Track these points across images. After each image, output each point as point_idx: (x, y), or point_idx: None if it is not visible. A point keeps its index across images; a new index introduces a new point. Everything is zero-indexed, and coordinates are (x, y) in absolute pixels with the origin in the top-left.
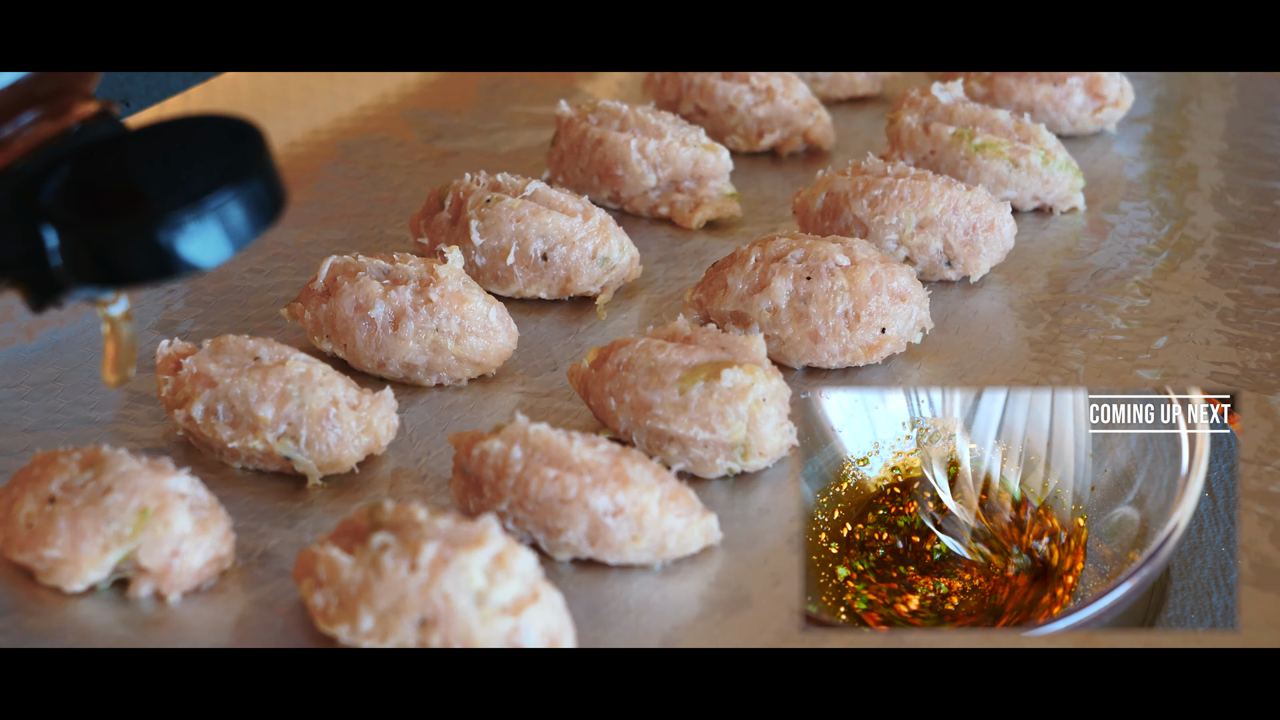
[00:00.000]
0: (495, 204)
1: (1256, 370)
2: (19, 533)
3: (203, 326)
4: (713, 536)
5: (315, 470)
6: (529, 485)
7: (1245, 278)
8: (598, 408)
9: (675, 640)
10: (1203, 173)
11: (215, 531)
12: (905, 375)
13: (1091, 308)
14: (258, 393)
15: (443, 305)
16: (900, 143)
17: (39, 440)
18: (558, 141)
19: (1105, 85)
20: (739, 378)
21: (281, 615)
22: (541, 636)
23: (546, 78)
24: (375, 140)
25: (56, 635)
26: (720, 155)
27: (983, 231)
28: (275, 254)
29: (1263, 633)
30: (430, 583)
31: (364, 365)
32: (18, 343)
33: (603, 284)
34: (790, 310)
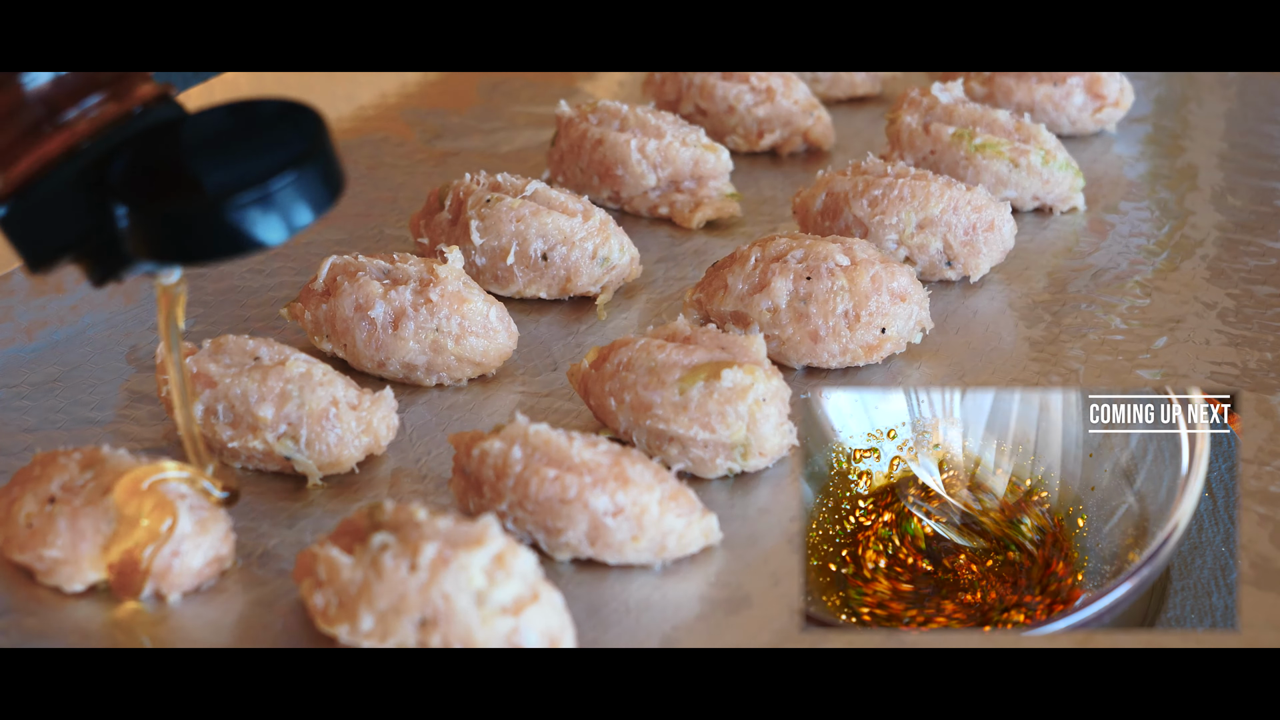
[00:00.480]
0: (495, 204)
1: (1256, 370)
2: (19, 533)
3: (203, 326)
4: (713, 536)
5: (315, 470)
6: (529, 485)
7: (1245, 278)
8: (598, 408)
9: (675, 640)
10: (1203, 173)
11: (215, 531)
12: (905, 375)
13: (1091, 308)
14: (258, 393)
15: (443, 305)
16: (900, 143)
17: (39, 440)
18: (558, 141)
19: (1105, 85)
20: (739, 378)
21: (281, 615)
22: (541, 636)
23: (546, 78)
24: (375, 140)
25: (56, 635)
26: (720, 155)
27: (983, 231)
28: (275, 254)
29: (1263, 633)
30: (430, 583)
31: (364, 365)
32: (18, 343)
33: (603, 284)
34: (790, 310)
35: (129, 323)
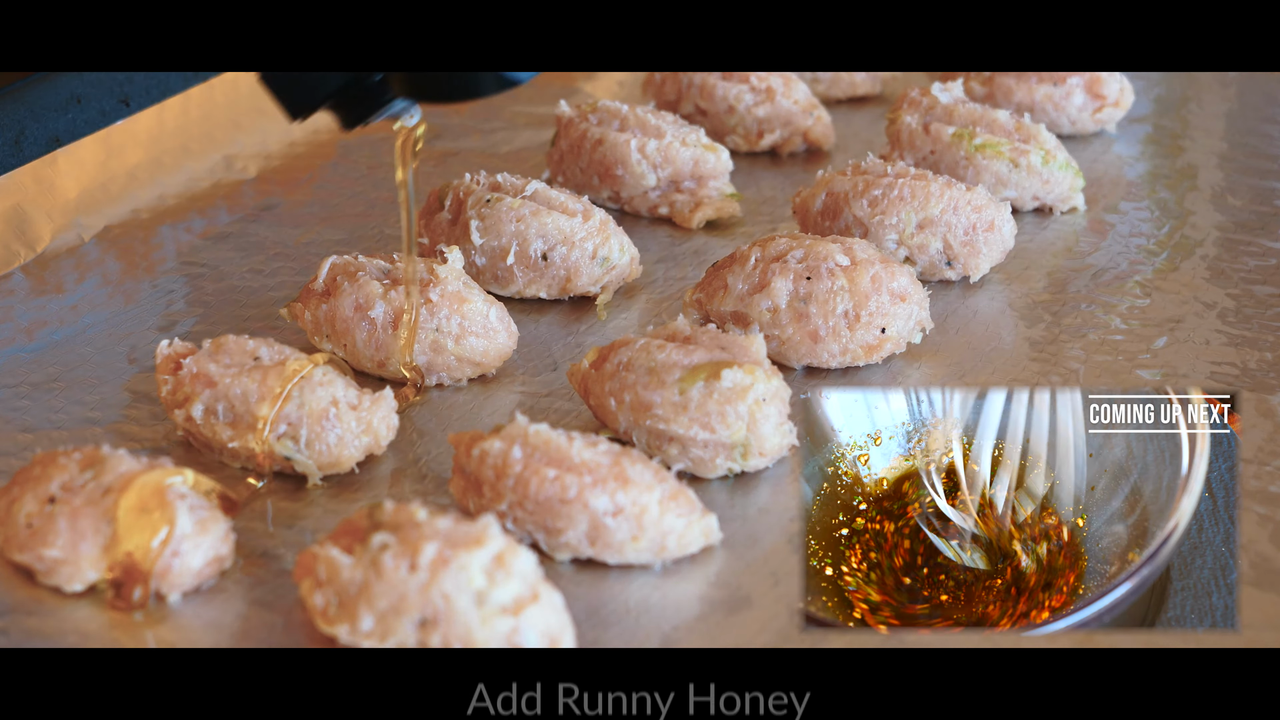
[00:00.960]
0: (495, 204)
1: (1256, 370)
2: (19, 533)
3: (203, 326)
4: (713, 536)
5: (315, 470)
6: (529, 485)
7: (1245, 278)
8: (598, 408)
9: (675, 640)
10: (1203, 173)
11: (215, 531)
12: (905, 375)
13: (1091, 308)
14: (258, 393)
15: (443, 305)
16: (900, 143)
17: (39, 440)
18: (558, 141)
19: (1105, 85)
20: (739, 378)
21: (281, 615)
22: (541, 636)
23: (546, 78)
24: (375, 140)
25: (56, 635)
26: (720, 155)
27: (983, 231)
28: (275, 254)
29: (1263, 633)
30: (430, 583)
31: (364, 365)
32: (18, 343)
33: (603, 284)
34: (790, 310)
35: (129, 323)
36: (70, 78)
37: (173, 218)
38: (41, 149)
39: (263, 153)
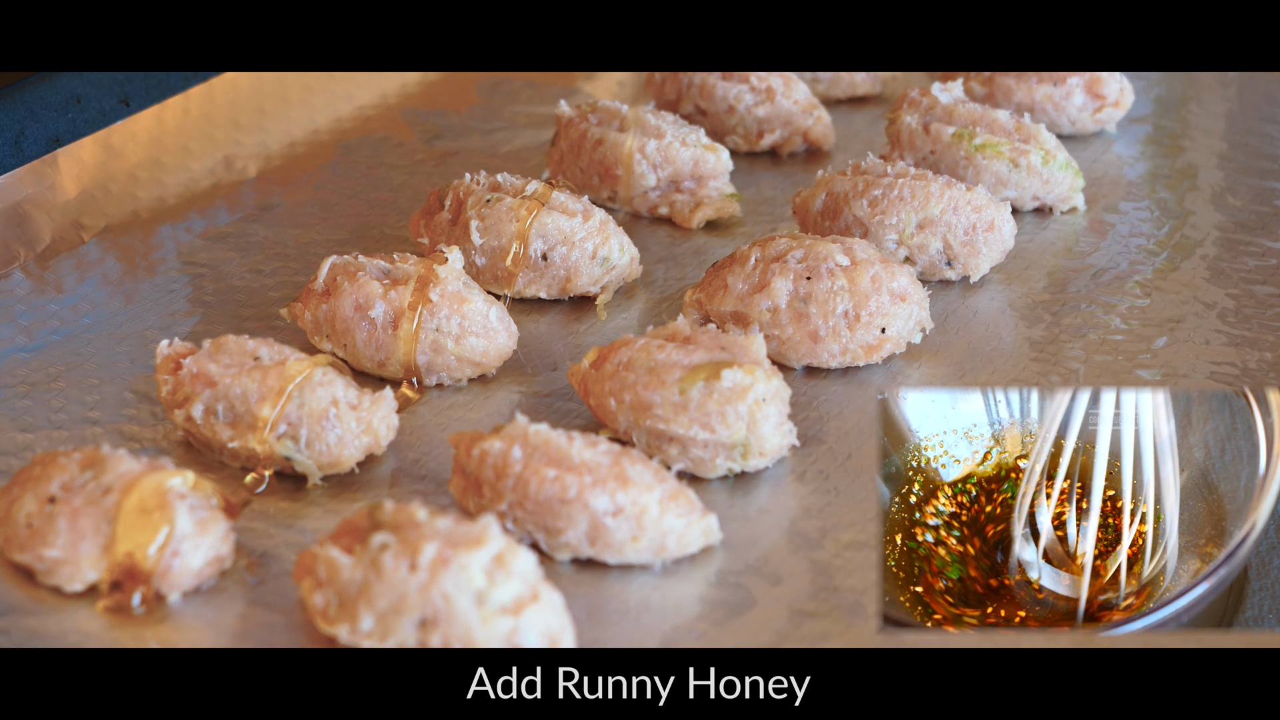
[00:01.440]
0: (495, 204)
1: (1257, 370)
2: (19, 533)
3: (203, 326)
4: (713, 536)
5: (315, 470)
6: (529, 485)
7: (1245, 278)
8: (598, 408)
9: (675, 640)
10: (1203, 173)
11: (215, 531)
12: (905, 375)
13: (1091, 308)
14: (258, 393)
15: (443, 305)
16: (900, 143)
17: (39, 440)
18: (558, 141)
19: (1105, 85)
20: (739, 378)
21: (281, 615)
22: (541, 636)
23: (546, 78)
24: (375, 140)
25: (56, 635)
26: (720, 155)
27: (983, 231)
28: (275, 254)
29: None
30: (430, 583)
31: (364, 365)
32: (18, 343)
33: (603, 284)
34: (790, 310)
35: (129, 323)
36: (70, 78)
37: (173, 218)
38: (41, 149)
39: (263, 153)
